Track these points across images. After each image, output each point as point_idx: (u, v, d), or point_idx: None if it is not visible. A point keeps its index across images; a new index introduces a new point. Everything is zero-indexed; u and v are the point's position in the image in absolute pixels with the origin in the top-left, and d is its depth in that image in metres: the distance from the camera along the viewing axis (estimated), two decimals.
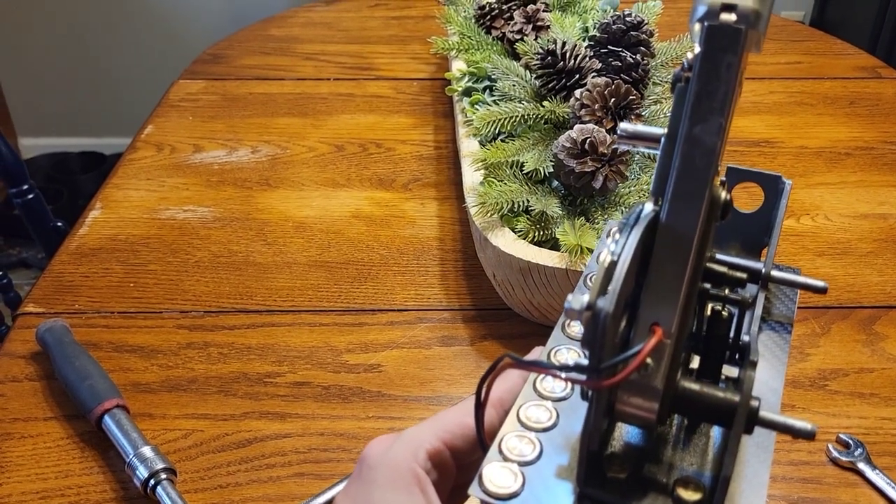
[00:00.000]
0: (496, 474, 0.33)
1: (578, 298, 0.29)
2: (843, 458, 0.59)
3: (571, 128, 0.74)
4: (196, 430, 0.61)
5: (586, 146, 0.70)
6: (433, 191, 0.91)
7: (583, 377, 0.30)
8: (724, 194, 0.33)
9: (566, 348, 0.40)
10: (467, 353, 0.69)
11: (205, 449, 0.60)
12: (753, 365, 0.32)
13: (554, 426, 0.35)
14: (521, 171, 0.74)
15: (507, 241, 0.67)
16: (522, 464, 0.33)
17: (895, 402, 0.64)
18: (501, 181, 0.72)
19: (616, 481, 0.33)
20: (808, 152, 1.00)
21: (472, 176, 0.76)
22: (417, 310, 0.74)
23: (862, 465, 0.59)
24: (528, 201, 0.70)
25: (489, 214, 0.69)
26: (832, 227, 0.86)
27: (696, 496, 0.32)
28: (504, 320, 0.72)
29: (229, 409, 0.63)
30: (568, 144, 0.72)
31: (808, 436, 0.31)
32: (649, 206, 0.32)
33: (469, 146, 0.81)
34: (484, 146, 0.78)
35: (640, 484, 0.33)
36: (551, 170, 0.74)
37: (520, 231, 0.68)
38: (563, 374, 0.30)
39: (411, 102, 1.11)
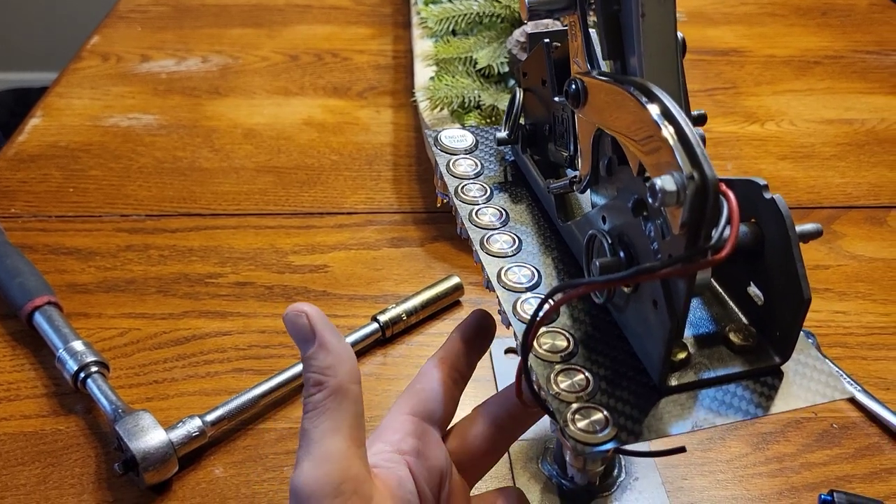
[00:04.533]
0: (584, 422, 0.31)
1: (670, 178, 0.26)
2: None
3: (526, 23, 0.71)
4: (132, 328, 0.59)
5: None
6: (389, 98, 0.88)
7: (693, 263, 0.27)
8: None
9: (517, 266, 0.38)
10: (417, 254, 0.67)
11: (141, 346, 0.58)
12: None
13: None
14: (475, 68, 0.71)
15: None
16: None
17: (848, 296, 0.63)
18: (453, 76, 0.69)
19: (681, 362, 0.32)
20: (776, 61, 0.98)
21: (423, 73, 0.73)
22: (367, 213, 0.71)
23: None
24: (480, 97, 0.67)
25: (438, 109, 0.66)
26: (797, 132, 0.84)
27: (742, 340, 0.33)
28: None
29: (168, 309, 0.61)
30: (522, 39, 0.69)
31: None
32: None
33: (423, 46, 0.78)
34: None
35: (701, 349, 0.33)
36: (506, 68, 0.72)
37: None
38: (667, 269, 0.27)
39: (370, 13, 1.07)
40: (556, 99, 0.39)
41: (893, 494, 0.49)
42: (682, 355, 0.32)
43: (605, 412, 0.31)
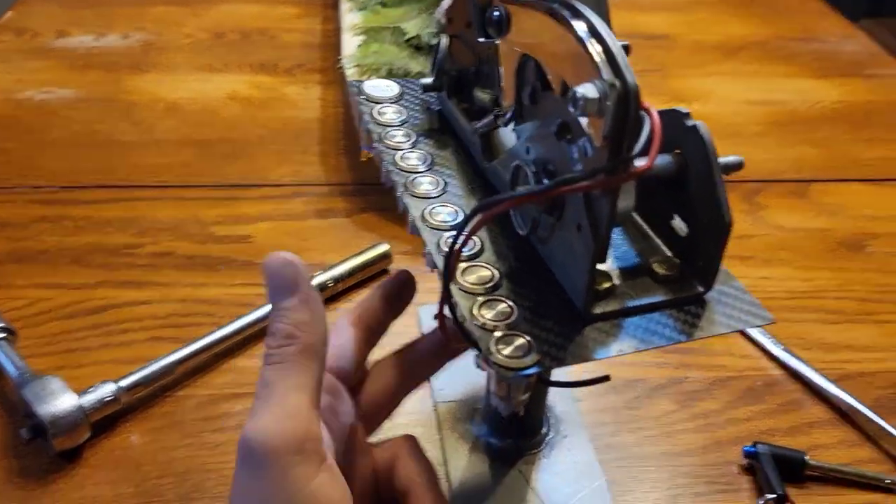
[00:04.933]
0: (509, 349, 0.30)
1: (591, 86, 0.25)
2: None
3: None
4: (43, 298, 0.56)
5: None
6: (318, 76, 0.87)
7: (615, 175, 0.27)
8: None
9: (441, 206, 0.37)
10: (345, 225, 0.65)
11: (52, 316, 0.55)
12: None
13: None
14: (403, 38, 0.70)
15: None
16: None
17: (772, 263, 0.64)
18: (381, 44, 0.68)
19: (606, 291, 0.32)
20: (704, 46, 1.00)
21: (351, 43, 0.72)
22: (294, 185, 0.70)
23: None
24: (409, 65, 0.66)
25: (366, 76, 0.65)
26: (723, 112, 0.86)
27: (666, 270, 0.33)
28: (386, 194, 0.68)
29: (82, 279, 0.58)
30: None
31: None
32: None
33: (351, 19, 0.77)
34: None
35: (626, 281, 0.33)
36: (435, 40, 0.71)
37: None
38: (588, 182, 0.26)
39: None
40: (481, 40, 0.38)
41: (814, 446, 0.49)
42: (606, 285, 0.32)
43: (529, 339, 0.30)
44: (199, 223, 0.64)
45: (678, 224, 0.34)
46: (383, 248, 0.60)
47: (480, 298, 0.32)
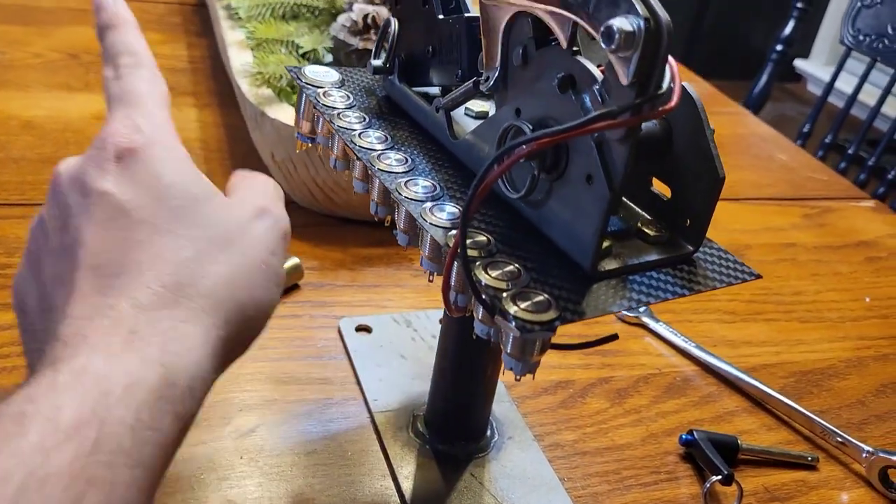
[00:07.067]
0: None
1: (625, 19, 0.25)
2: (630, 315, 0.60)
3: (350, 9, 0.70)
4: None
5: (368, 21, 0.66)
6: (191, 98, 0.82)
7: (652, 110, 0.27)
8: None
9: (412, 182, 0.35)
10: None
11: None
12: None
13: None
14: (298, 52, 0.68)
15: (289, 115, 0.60)
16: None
17: None
18: (279, 56, 0.65)
19: (605, 251, 0.32)
20: None
21: (239, 57, 0.68)
22: None
23: (646, 319, 0.60)
24: None
25: (265, 84, 0.62)
26: None
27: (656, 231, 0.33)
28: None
29: None
30: (348, 24, 0.68)
31: None
32: None
33: (235, 36, 0.74)
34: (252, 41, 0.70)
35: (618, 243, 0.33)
36: (330, 57, 0.69)
37: None
38: (625, 117, 0.26)
39: (158, 21, 1.00)
40: (441, 17, 0.38)
41: (739, 432, 0.51)
42: (606, 244, 0.31)
43: (546, 295, 0.29)
44: None
45: (656, 191, 0.34)
46: (294, 261, 0.57)
47: (481, 262, 0.30)
